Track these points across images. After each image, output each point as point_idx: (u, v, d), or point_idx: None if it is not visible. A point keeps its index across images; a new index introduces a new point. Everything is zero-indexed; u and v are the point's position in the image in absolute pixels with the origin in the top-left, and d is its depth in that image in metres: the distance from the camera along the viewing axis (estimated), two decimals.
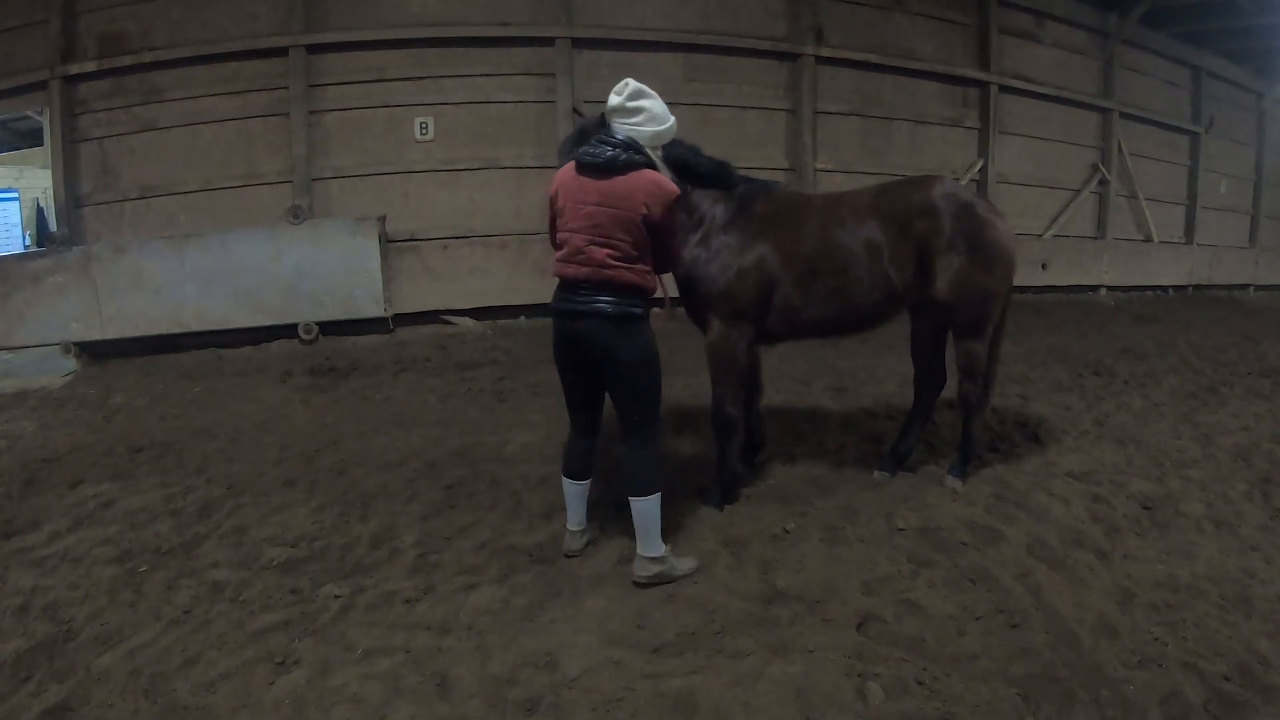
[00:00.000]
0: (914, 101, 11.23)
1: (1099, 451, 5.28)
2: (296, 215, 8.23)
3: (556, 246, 3.57)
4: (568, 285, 3.48)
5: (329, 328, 8.37)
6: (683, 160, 4.12)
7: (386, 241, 8.53)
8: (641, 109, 3.47)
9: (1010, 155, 12.19)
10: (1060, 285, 12.55)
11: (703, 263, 4.12)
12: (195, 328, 8.08)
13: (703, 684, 2.81)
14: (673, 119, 3.60)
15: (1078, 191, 13.13)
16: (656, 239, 3.48)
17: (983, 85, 11.68)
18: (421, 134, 9.03)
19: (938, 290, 4.27)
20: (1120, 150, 13.42)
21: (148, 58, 8.57)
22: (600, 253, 3.37)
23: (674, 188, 3.49)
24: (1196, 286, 15.05)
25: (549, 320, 3.63)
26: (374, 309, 8.48)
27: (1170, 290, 14.60)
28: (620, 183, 3.36)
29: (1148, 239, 14.18)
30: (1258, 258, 16.56)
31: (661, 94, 10.27)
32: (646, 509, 3.49)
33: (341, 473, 4.82)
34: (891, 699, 2.76)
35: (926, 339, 4.76)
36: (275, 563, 3.74)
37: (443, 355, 7.74)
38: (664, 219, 3.45)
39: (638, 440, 3.53)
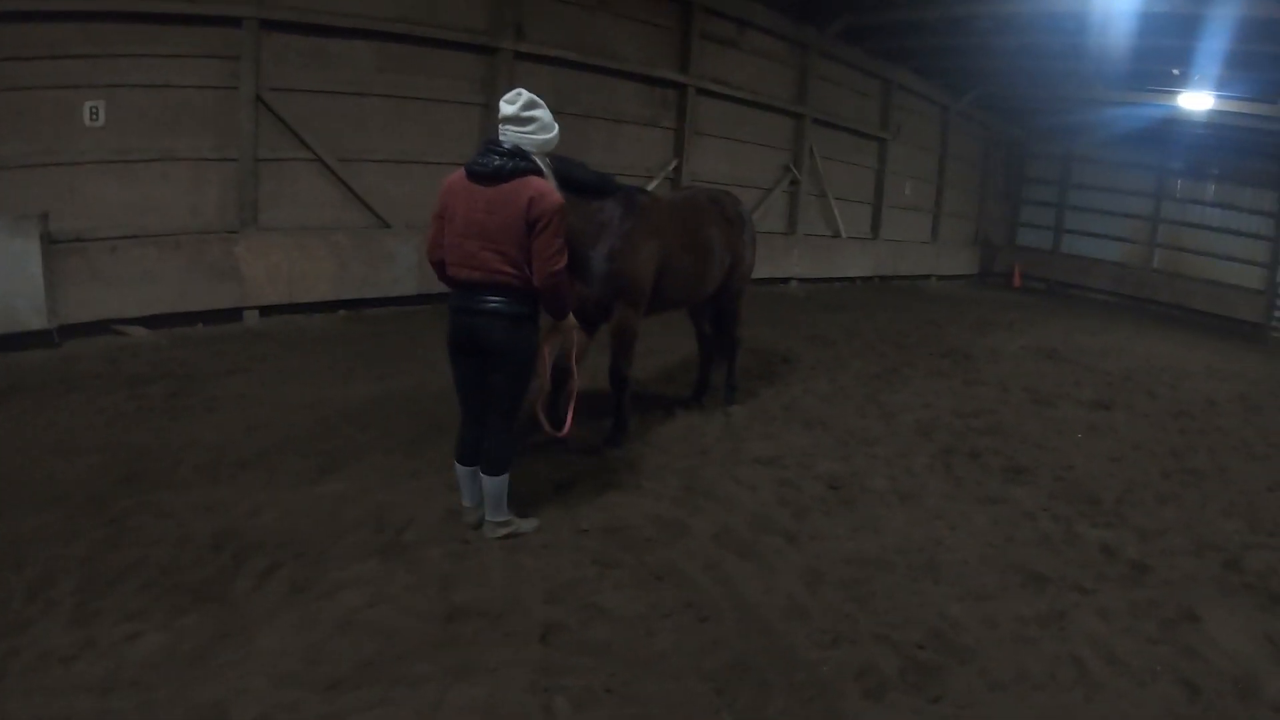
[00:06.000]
0: (612, 101, 11.46)
1: (787, 436, 5.63)
2: None
3: (435, 251, 3.77)
4: (463, 287, 3.69)
5: None
6: (571, 176, 4.44)
7: (50, 242, 7.38)
8: (534, 118, 3.66)
9: (705, 156, 12.84)
10: (753, 278, 13.39)
11: (614, 257, 4.77)
12: None
13: (385, 718, 2.64)
14: (557, 126, 3.79)
15: (770, 190, 14.15)
16: (538, 244, 3.57)
17: (681, 87, 12.17)
18: (92, 119, 7.92)
19: (734, 274, 6.01)
20: (812, 153, 14.66)
21: None
22: (491, 258, 3.56)
23: (558, 197, 3.63)
24: (882, 278, 16.87)
25: (227, 328, 3.33)
26: (36, 320, 7.33)
27: (858, 281, 16.21)
28: (507, 189, 3.53)
29: (836, 235, 15.63)
30: (939, 251, 18.97)
31: (352, 84, 9.66)
32: (498, 485, 3.83)
33: None
34: (579, 711, 2.73)
35: (716, 313, 6.30)
36: None
37: (113, 370, 6.81)
38: (546, 225, 3.55)
39: (498, 424, 3.80)
